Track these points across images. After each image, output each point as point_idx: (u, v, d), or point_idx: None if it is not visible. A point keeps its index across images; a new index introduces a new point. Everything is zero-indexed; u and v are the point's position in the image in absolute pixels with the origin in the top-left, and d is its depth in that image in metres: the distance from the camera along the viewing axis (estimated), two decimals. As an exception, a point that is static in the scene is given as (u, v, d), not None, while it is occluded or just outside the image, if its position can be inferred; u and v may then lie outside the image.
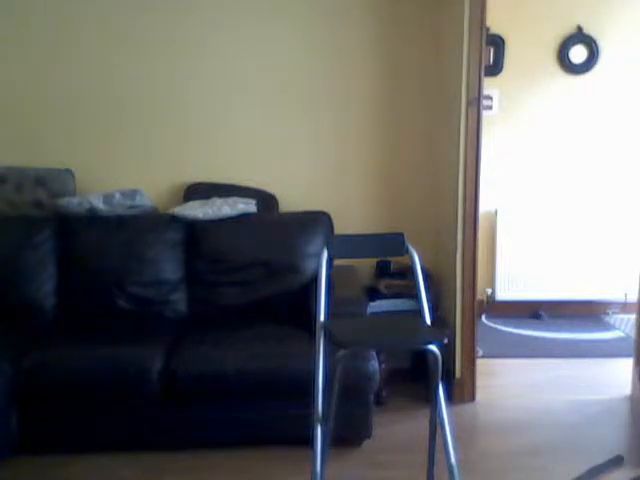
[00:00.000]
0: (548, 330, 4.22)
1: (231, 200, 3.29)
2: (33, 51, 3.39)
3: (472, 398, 3.17)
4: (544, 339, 4.07)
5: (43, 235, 3.12)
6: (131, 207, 3.24)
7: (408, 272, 2.89)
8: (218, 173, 3.49)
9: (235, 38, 3.43)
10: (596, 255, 4.39)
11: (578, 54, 4.30)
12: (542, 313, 4.46)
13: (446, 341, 2.08)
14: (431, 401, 2.16)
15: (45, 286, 3.07)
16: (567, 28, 4.30)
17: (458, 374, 3.16)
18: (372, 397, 2.70)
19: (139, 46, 3.41)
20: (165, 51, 3.42)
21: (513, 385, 3.39)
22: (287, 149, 3.52)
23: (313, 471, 2.16)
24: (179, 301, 3.14)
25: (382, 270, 3.47)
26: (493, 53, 4.27)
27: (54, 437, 2.63)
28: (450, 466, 2.17)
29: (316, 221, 3.26)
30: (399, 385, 3.25)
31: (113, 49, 3.40)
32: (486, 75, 3.12)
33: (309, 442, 2.19)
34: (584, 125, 4.39)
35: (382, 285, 3.36)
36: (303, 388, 2.39)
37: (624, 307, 4.41)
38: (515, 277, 4.43)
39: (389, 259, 3.45)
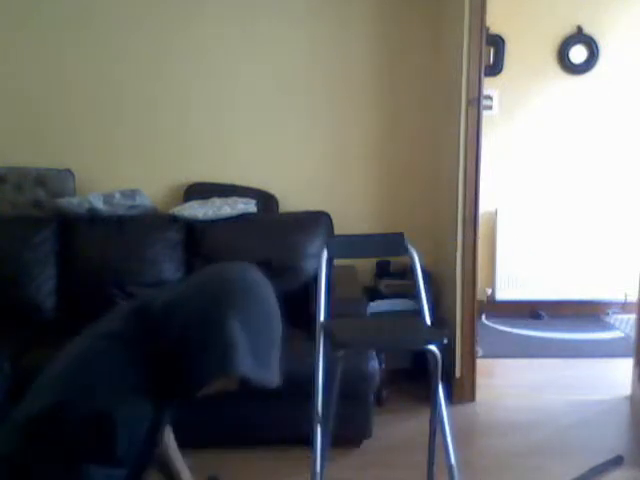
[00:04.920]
0: (548, 330, 4.21)
1: (231, 200, 3.28)
2: (33, 52, 3.39)
3: (472, 398, 3.17)
4: (544, 339, 4.06)
5: (43, 235, 3.11)
6: (131, 207, 3.24)
7: (408, 272, 2.89)
8: (218, 173, 3.48)
9: (235, 38, 3.42)
10: (596, 255, 4.39)
11: (578, 54, 4.30)
12: (542, 313, 4.46)
13: (446, 341, 2.08)
14: (431, 401, 2.16)
15: (45, 286, 3.07)
16: (567, 28, 4.30)
17: (458, 374, 3.16)
18: (372, 397, 2.71)
19: (139, 47, 3.41)
20: (165, 52, 3.42)
21: (513, 385, 3.39)
22: (287, 149, 3.52)
23: (313, 471, 2.16)
24: (179, 301, 3.13)
25: (382, 270, 3.47)
26: (493, 53, 4.27)
27: (54, 437, 2.63)
28: (450, 466, 2.17)
29: (316, 221, 3.26)
30: (399, 385, 3.25)
31: (113, 50, 3.40)
32: (486, 75, 3.12)
33: (309, 442, 2.19)
34: (584, 125, 4.38)
35: (382, 285, 3.36)
36: (303, 388, 2.38)
37: (624, 307, 4.40)
38: (515, 277, 4.42)
39: (389, 259, 3.45)
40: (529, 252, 4.40)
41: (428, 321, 2.31)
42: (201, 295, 1.26)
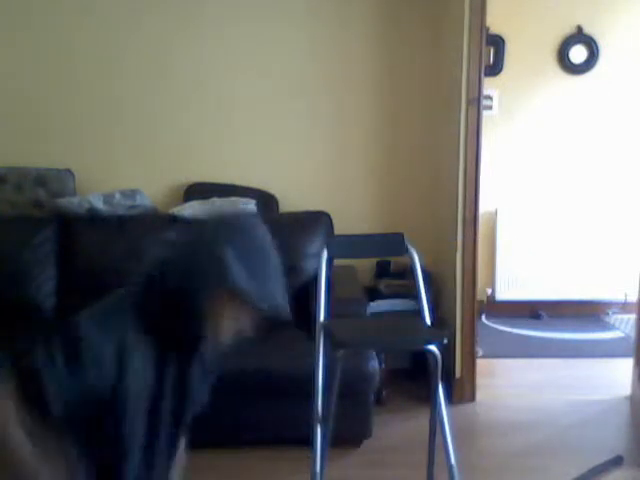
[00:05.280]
0: (548, 330, 4.21)
1: (231, 200, 3.28)
2: (33, 52, 3.39)
3: (472, 398, 3.17)
4: (544, 339, 4.07)
5: (43, 235, 3.11)
6: (131, 207, 3.24)
7: (408, 272, 2.90)
8: (218, 173, 3.48)
9: (235, 38, 3.42)
10: (596, 255, 4.39)
11: (578, 54, 4.30)
12: (542, 313, 4.46)
13: (446, 341, 2.08)
14: (431, 401, 2.16)
15: (45, 286, 3.07)
16: (567, 28, 4.29)
17: (458, 374, 3.16)
18: (372, 397, 2.71)
19: (139, 47, 3.41)
20: (166, 52, 3.42)
21: (513, 385, 3.39)
22: (287, 149, 3.52)
23: (313, 471, 2.17)
24: (179, 301, 3.13)
25: (382, 270, 3.47)
26: (493, 53, 4.26)
27: (54, 437, 2.63)
28: (450, 466, 2.17)
29: (316, 221, 3.26)
30: (399, 385, 3.25)
31: (114, 50, 3.40)
32: (486, 75, 3.12)
33: (309, 442, 2.19)
34: (584, 125, 4.38)
35: (382, 285, 3.36)
36: (303, 388, 2.38)
37: (624, 307, 4.40)
38: (515, 277, 4.42)
39: (389, 259, 3.45)
40: (529, 252, 4.40)
41: (428, 321, 2.31)
42: (196, 237, 1.33)
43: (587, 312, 4.47)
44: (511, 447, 2.73)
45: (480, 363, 3.26)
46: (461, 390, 3.16)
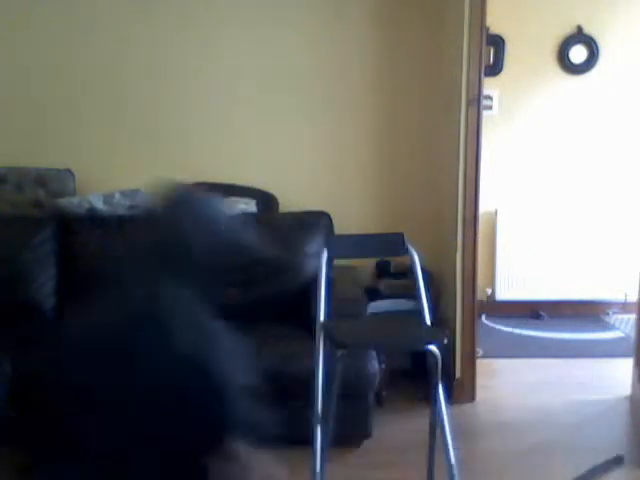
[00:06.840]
0: (548, 330, 4.21)
1: (231, 200, 3.28)
2: (33, 51, 3.39)
3: (472, 398, 3.17)
4: (544, 339, 4.07)
5: (43, 235, 3.11)
6: (131, 207, 3.23)
7: (408, 272, 2.90)
8: (218, 173, 3.48)
9: (235, 39, 3.42)
10: (596, 255, 4.39)
11: (578, 54, 4.30)
12: (542, 313, 4.46)
13: (446, 341, 2.08)
14: (431, 401, 2.16)
15: (45, 286, 3.06)
16: (567, 28, 4.29)
17: (458, 374, 3.16)
18: (372, 397, 2.70)
19: (140, 47, 3.41)
20: (166, 52, 3.42)
21: (513, 385, 3.39)
22: (287, 149, 3.52)
23: (313, 471, 2.17)
24: (179, 301, 3.13)
25: (382, 270, 3.47)
26: (493, 53, 4.26)
27: (54, 437, 2.63)
28: (450, 466, 2.18)
29: (316, 221, 3.26)
30: (399, 385, 3.25)
31: (114, 50, 3.40)
32: (486, 75, 3.12)
33: (309, 442, 2.19)
34: (584, 125, 4.38)
35: (382, 285, 3.36)
36: (303, 388, 2.38)
37: (624, 307, 4.40)
38: (515, 277, 4.42)
39: (389, 259, 3.45)
40: (529, 252, 4.40)
41: (428, 321, 2.31)
42: None
43: (587, 312, 4.47)
44: (511, 447, 2.73)
45: (480, 363, 3.26)
46: (461, 390, 3.15)
